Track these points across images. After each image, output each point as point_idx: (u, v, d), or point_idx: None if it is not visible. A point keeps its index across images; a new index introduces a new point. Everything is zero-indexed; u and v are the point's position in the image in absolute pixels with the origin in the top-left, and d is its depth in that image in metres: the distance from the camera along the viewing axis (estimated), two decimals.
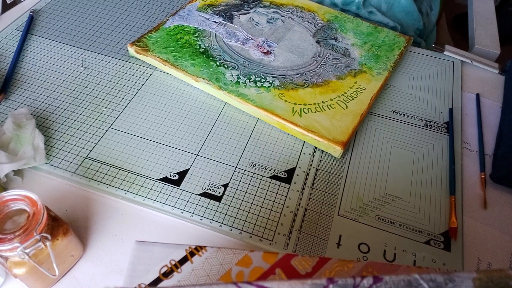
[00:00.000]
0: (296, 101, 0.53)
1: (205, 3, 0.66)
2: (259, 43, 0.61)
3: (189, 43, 0.59)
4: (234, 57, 0.58)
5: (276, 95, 0.54)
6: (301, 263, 0.32)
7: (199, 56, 0.58)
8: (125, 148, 0.49)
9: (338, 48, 0.62)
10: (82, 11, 0.66)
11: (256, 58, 0.59)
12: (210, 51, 0.59)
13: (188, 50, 0.58)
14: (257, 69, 0.57)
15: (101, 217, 0.44)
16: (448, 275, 0.21)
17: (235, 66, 0.57)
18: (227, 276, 0.32)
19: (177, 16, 0.63)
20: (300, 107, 0.53)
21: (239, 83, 0.55)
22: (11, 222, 0.35)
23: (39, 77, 0.56)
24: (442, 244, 0.43)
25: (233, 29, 0.62)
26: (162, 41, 0.59)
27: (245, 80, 0.55)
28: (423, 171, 0.49)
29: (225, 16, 0.64)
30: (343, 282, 0.21)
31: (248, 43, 0.61)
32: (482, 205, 0.47)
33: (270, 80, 0.56)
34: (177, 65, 0.56)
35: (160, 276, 0.31)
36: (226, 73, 0.56)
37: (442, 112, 0.56)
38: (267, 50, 0.60)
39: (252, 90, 0.54)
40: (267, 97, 0.54)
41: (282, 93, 0.54)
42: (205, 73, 0.56)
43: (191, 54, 0.58)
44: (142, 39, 0.59)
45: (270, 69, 0.57)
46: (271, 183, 0.47)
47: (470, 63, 0.63)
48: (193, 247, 0.33)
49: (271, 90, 0.54)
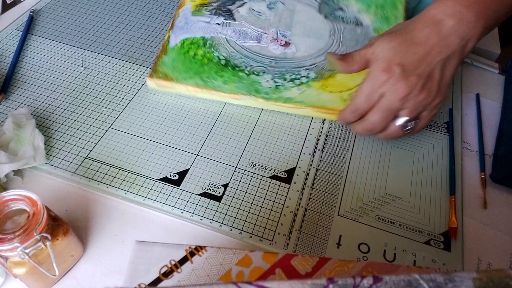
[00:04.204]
0: (340, 89, 0.52)
1: (196, 3, 0.61)
2: (272, 35, 0.57)
3: (207, 58, 0.55)
4: (257, 59, 0.56)
5: (318, 88, 0.53)
6: (301, 263, 0.32)
7: (225, 71, 0.54)
8: (125, 148, 0.49)
9: (347, 19, 0.60)
10: (82, 11, 0.66)
11: (279, 54, 0.56)
12: (231, 60, 0.55)
13: (210, 66, 0.54)
14: (286, 65, 0.55)
15: (101, 217, 0.44)
16: (448, 275, 0.21)
17: (264, 69, 0.54)
18: (227, 276, 0.32)
19: (176, 28, 0.58)
20: (348, 93, 0.52)
21: (278, 88, 0.53)
22: (11, 222, 0.35)
23: (39, 77, 0.56)
24: (442, 244, 0.43)
25: (240, 26, 0.58)
26: (179, 64, 0.54)
27: (282, 82, 0.53)
28: (423, 171, 0.49)
29: (223, 13, 0.60)
30: (343, 282, 0.21)
31: (262, 39, 0.57)
32: (482, 205, 0.47)
33: (305, 74, 0.54)
34: (210, 87, 0.52)
35: (160, 276, 0.31)
36: (261, 80, 0.53)
37: (442, 112, 0.55)
38: (284, 41, 0.57)
39: (294, 90, 0.52)
40: (312, 93, 0.52)
41: (323, 84, 0.53)
42: (241, 87, 0.53)
43: (217, 71, 0.54)
44: (157, 68, 0.54)
45: (298, 61, 0.55)
46: (271, 183, 0.47)
47: (470, 63, 0.63)
48: (193, 247, 0.33)
49: (312, 85, 0.53)
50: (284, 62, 0.56)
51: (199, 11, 0.59)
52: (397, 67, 0.41)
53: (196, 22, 0.58)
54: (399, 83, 0.42)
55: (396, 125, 0.45)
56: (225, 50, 0.56)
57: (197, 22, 0.58)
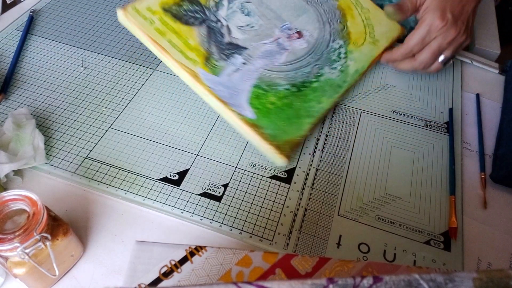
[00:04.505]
0: (363, 36, 0.58)
1: (202, 61, 0.49)
2: (284, 35, 0.55)
3: (281, 97, 0.50)
4: (304, 64, 0.54)
5: (356, 47, 0.57)
6: (301, 263, 0.32)
7: (305, 94, 0.52)
8: (125, 148, 0.49)
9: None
10: (82, 11, 0.66)
11: (304, 48, 0.56)
12: (296, 82, 0.52)
13: (292, 100, 0.51)
14: (320, 50, 0.56)
15: (101, 217, 0.44)
16: (448, 275, 0.21)
17: (318, 66, 0.54)
18: (227, 276, 0.32)
19: (231, 100, 0.48)
20: (369, 34, 0.59)
21: (342, 70, 0.55)
22: (11, 222, 0.35)
23: (39, 77, 0.56)
24: (442, 244, 0.43)
25: (256, 50, 0.53)
26: (279, 123, 0.48)
27: (337, 64, 0.55)
28: (423, 171, 0.49)
29: (232, 51, 0.52)
30: (343, 282, 0.21)
31: (285, 46, 0.55)
32: (482, 205, 0.47)
33: (336, 46, 0.56)
34: (318, 116, 0.51)
35: (160, 276, 0.31)
36: (329, 75, 0.54)
37: (442, 112, 0.56)
38: (295, 33, 0.56)
39: (350, 63, 0.56)
40: (357, 54, 0.57)
41: (354, 42, 0.57)
42: (330, 94, 0.53)
43: (302, 100, 0.51)
44: (280, 145, 0.47)
45: (321, 41, 0.57)
46: (271, 183, 0.47)
47: (470, 63, 0.63)
48: (193, 247, 0.33)
49: (350, 48, 0.57)
50: (316, 49, 0.56)
51: (214, 68, 0.50)
52: (450, 15, 0.51)
53: (231, 80, 0.50)
54: (451, 29, 0.51)
55: (439, 62, 0.55)
56: (281, 79, 0.52)
57: (231, 79, 0.50)
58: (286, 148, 0.47)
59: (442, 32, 0.52)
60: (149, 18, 0.49)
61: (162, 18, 0.50)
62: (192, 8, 0.52)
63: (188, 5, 0.52)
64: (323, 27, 0.58)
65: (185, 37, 0.50)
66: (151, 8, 0.50)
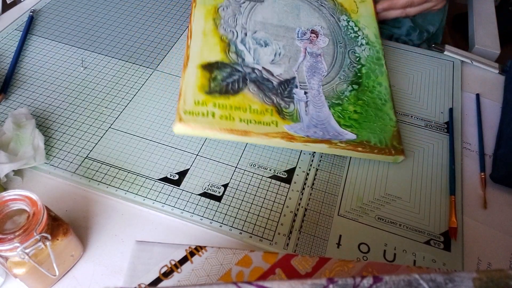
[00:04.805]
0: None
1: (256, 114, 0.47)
2: (306, 41, 0.54)
3: (361, 106, 0.50)
4: (339, 57, 0.54)
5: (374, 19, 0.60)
6: (301, 263, 0.32)
7: (368, 83, 0.53)
8: (125, 148, 0.49)
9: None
10: (82, 11, 0.66)
11: (328, 42, 0.56)
12: (353, 77, 0.53)
13: (370, 101, 0.51)
14: (342, 37, 0.56)
15: (101, 217, 0.44)
16: (448, 275, 0.21)
17: (350, 51, 0.55)
18: (227, 276, 0.32)
19: (325, 133, 0.47)
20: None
21: (369, 40, 0.57)
22: (11, 222, 0.35)
23: (39, 77, 0.56)
24: (442, 244, 0.43)
25: (300, 73, 0.51)
26: (375, 132, 0.48)
27: (365, 40, 0.57)
28: (423, 171, 0.49)
29: (282, 89, 0.50)
30: (343, 282, 0.21)
31: (315, 51, 0.54)
32: (482, 205, 0.47)
33: (352, 26, 0.58)
34: (390, 94, 0.53)
35: (160, 276, 0.31)
36: (361, 54, 0.55)
37: (442, 112, 0.55)
38: (311, 33, 0.55)
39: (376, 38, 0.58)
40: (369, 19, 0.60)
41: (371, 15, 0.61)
42: (378, 69, 0.55)
43: (371, 91, 0.52)
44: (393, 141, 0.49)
45: (336, 29, 0.57)
46: (271, 183, 0.47)
47: (470, 63, 0.63)
48: (193, 247, 0.33)
49: (369, 25, 0.59)
50: (337, 37, 0.56)
51: (291, 115, 0.48)
52: None
53: (313, 116, 0.48)
54: None
55: None
56: (341, 84, 0.52)
57: (312, 115, 0.48)
58: (396, 145, 0.49)
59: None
60: (207, 111, 0.46)
61: (216, 103, 0.46)
62: (225, 74, 0.49)
63: (220, 73, 0.49)
64: (322, 13, 0.58)
65: (247, 105, 0.47)
66: (198, 100, 0.46)
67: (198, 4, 0.55)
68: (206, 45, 0.51)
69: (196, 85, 0.47)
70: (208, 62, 0.50)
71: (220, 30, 0.53)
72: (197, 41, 0.51)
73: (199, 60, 0.50)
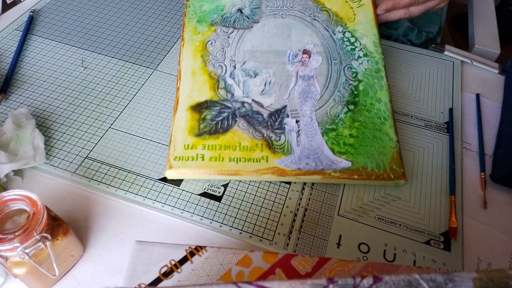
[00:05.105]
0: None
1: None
2: (298, 64, 0.52)
3: (357, 129, 0.48)
4: (334, 75, 0.52)
5: (373, 24, 0.57)
6: (301, 263, 0.32)
7: (366, 101, 0.50)
8: (125, 148, 0.49)
9: None
10: (82, 11, 0.66)
11: (321, 60, 0.53)
12: (349, 96, 0.51)
13: (367, 122, 0.49)
14: (337, 52, 0.54)
15: (101, 217, 0.44)
16: (448, 275, 0.21)
17: (346, 66, 0.53)
18: (227, 276, 0.32)
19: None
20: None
21: (367, 51, 0.55)
22: (11, 222, 0.35)
23: (39, 77, 0.56)
24: (442, 244, 0.43)
25: (291, 101, 0.50)
26: (372, 156, 0.47)
27: (363, 51, 0.55)
28: (423, 171, 0.49)
29: (273, 120, 0.48)
30: (343, 282, 0.21)
31: (307, 74, 0.52)
32: (482, 205, 0.47)
33: (349, 37, 0.55)
34: (391, 111, 0.51)
35: (160, 276, 0.31)
36: (358, 68, 0.53)
37: (442, 112, 0.55)
38: (303, 53, 0.53)
39: (377, 53, 0.55)
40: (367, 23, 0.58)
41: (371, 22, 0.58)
42: (377, 83, 0.52)
43: (369, 109, 0.50)
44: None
45: (331, 44, 0.55)
46: (271, 183, 0.47)
47: (470, 63, 0.63)
48: (193, 247, 0.33)
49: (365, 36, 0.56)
50: (331, 53, 0.54)
51: (282, 147, 0.46)
52: None
53: (305, 146, 0.47)
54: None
55: None
56: (335, 106, 0.50)
57: (303, 145, 0.47)
58: (396, 168, 0.46)
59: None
60: (196, 154, 0.46)
61: (205, 145, 0.46)
62: (214, 113, 0.49)
63: (209, 113, 0.49)
64: (315, 28, 0.56)
65: (236, 143, 0.46)
66: (188, 144, 0.46)
67: (186, 42, 0.54)
68: (195, 85, 0.51)
69: (186, 129, 0.47)
70: (197, 102, 0.49)
71: (209, 66, 0.52)
72: (186, 82, 0.51)
73: (188, 102, 0.49)
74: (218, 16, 0.57)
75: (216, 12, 0.57)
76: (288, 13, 0.57)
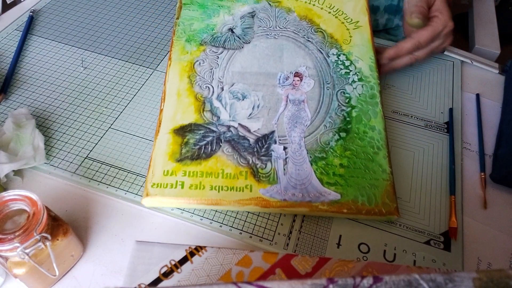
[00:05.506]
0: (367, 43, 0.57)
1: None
2: (288, 87, 0.50)
3: (347, 159, 0.46)
4: (326, 99, 0.50)
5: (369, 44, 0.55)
6: (301, 263, 0.32)
7: (358, 128, 0.48)
8: (125, 148, 0.49)
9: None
10: (82, 11, 0.66)
11: (313, 84, 0.51)
12: (341, 122, 0.48)
13: (359, 151, 0.46)
14: (330, 75, 0.52)
15: (101, 217, 0.44)
16: (448, 275, 0.21)
17: (339, 91, 0.51)
18: (227, 276, 0.32)
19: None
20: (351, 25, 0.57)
21: (362, 75, 0.52)
22: (11, 222, 0.35)
23: (39, 77, 0.56)
24: (442, 244, 0.43)
25: (280, 126, 0.47)
26: (363, 189, 0.44)
27: (358, 76, 0.52)
28: (423, 171, 0.49)
29: (259, 147, 0.46)
30: (343, 282, 0.21)
31: (298, 98, 0.50)
32: (482, 205, 0.47)
33: (343, 59, 0.53)
34: (385, 140, 0.48)
35: (160, 276, 0.31)
36: (352, 93, 0.50)
37: (442, 112, 0.55)
38: (294, 76, 0.51)
39: (371, 76, 0.52)
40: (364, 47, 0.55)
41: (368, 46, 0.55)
42: (371, 110, 0.49)
43: (361, 138, 0.47)
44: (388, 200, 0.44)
45: (324, 67, 0.52)
46: None
47: (470, 63, 0.63)
48: (193, 247, 0.33)
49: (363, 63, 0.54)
50: (324, 76, 0.52)
51: (268, 176, 0.44)
52: (451, 22, 0.55)
53: (292, 176, 0.44)
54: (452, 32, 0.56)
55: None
56: (326, 133, 0.47)
57: (290, 174, 0.44)
58: (388, 202, 0.43)
59: (449, 34, 0.55)
60: (176, 182, 0.43)
61: (186, 171, 0.43)
62: (198, 137, 0.46)
63: (192, 137, 0.46)
64: (308, 50, 0.54)
65: (219, 170, 0.44)
66: (168, 170, 0.43)
67: (173, 62, 0.52)
68: (180, 107, 0.48)
69: (167, 153, 0.44)
70: (181, 125, 0.46)
71: (195, 88, 0.50)
72: (170, 103, 0.48)
73: (171, 125, 0.46)
74: (208, 35, 0.54)
75: (206, 31, 0.55)
76: (281, 34, 0.55)
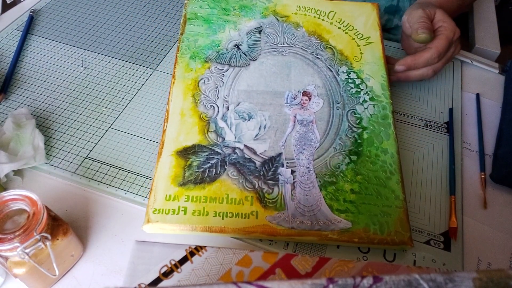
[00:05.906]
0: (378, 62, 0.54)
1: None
2: (296, 107, 0.48)
3: (359, 184, 0.43)
4: (336, 120, 0.48)
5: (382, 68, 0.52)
6: (301, 263, 0.32)
7: (370, 151, 0.45)
8: (125, 148, 0.49)
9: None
10: (82, 11, 0.66)
11: (322, 103, 0.49)
12: (351, 144, 0.46)
13: (371, 176, 0.44)
14: (340, 94, 0.50)
15: (101, 217, 0.44)
16: (448, 275, 0.21)
17: (349, 111, 0.48)
18: (227, 276, 0.32)
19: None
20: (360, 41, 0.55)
21: (374, 94, 0.50)
22: (11, 222, 0.35)
23: (39, 77, 0.56)
24: (442, 244, 0.43)
25: (288, 148, 0.45)
26: (375, 216, 0.42)
27: (369, 94, 0.50)
28: (423, 171, 0.49)
29: (266, 170, 0.43)
30: (343, 282, 0.21)
31: (306, 118, 0.47)
32: (482, 205, 0.47)
33: (354, 78, 0.50)
34: (398, 164, 0.46)
35: (160, 276, 0.31)
36: (363, 114, 0.48)
37: (442, 112, 0.55)
38: (302, 95, 0.49)
39: (380, 91, 0.50)
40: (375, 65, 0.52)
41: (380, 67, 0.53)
42: (383, 132, 0.47)
43: (373, 161, 0.45)
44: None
45: (334, 85, 0.50)
46: None
47: (470, 63, 0.63)
48: (193, 247, 0.33)
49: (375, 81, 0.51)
50: (333, 95, 0.49)
51: (275, 202, 0.42)
52: (458, 29, 0.54)
53: (300, 202, 0.42)
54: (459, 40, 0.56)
55: None
56: (336, 156, 0.45)
57: (299, 200, 0.42)
58: (402, 231, 0.41)
59: (459, 41, 0.55)
60: (178, 207, 0.41)
61: (189, 196, 0.41)
62: (202, 159, 0.44)
63: (196, 159, 0.44)
64: (317, 67, 0.51)
65: (224, 195, 0.42)
66: (170, 195, 0.41)
67: (177, 80, 0.49)
68: (183, 127, 0.46)
69: (169, 177, 0.42)
70: (184, 147, 0.44)
71: (200, 107, 0.47)
72: (173, 123, 0.46)
73: (174, 146, 0.44)
74: (213, 52, 0.52)
75: (211, 47, 0.52)
76: (289, 51, 0.53)
